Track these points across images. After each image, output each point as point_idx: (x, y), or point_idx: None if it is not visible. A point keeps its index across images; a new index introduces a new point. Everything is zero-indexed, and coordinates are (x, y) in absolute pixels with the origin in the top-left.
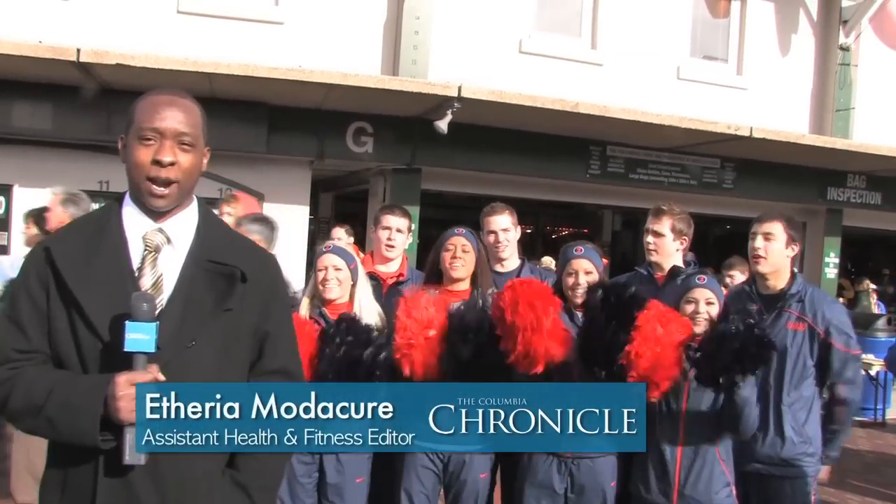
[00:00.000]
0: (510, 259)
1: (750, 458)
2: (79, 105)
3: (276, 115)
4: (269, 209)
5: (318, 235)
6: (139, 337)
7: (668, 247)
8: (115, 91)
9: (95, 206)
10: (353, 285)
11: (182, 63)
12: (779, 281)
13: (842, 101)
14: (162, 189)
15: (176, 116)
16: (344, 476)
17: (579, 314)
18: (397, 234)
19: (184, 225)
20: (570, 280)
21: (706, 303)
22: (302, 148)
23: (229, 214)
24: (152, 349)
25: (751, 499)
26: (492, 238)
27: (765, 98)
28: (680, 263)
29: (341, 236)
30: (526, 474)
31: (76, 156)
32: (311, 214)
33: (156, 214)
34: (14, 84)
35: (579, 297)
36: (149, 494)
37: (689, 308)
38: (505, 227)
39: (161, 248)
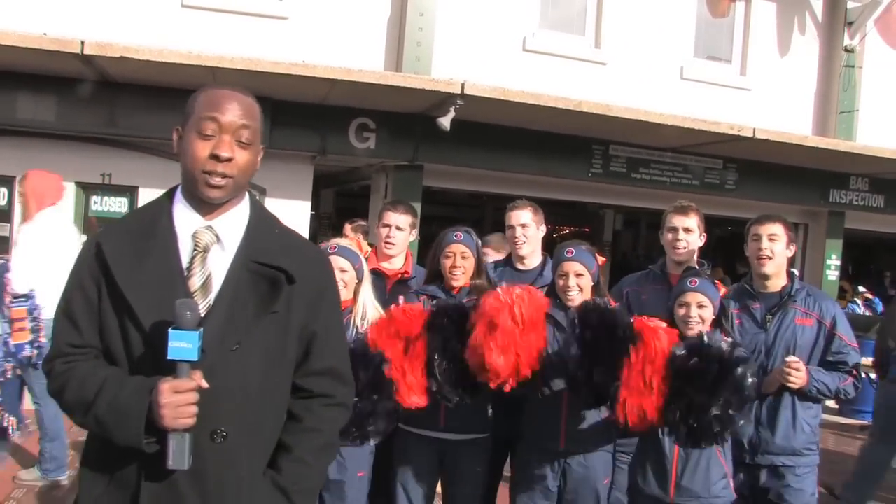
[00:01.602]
0: (530, 257)
1: (762, 451)
2: (80, 98)
3: (279, 109)
4: (271, 204)
5: (319, 231)
6: (182, 346)
7: (695, 243)
8: (119, 84)
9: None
10: (358, 284)
11: (186, 57)
12: (778, 280)
13: (846, 103)
14: (218, 179)
15: (237, 112)
16: (346, 470)
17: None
18: (397, 231)
19: (234, 223)
20: (561, 282)
21: (698, 306)
22: (304, 143)
23: (21, 194)
24: (195, 357)
25: (759, 490)
26: (510, 233)
27: (768, 99)
28: (694, 263)
29: (349, 234)
30: (519, 470)
31: (79, 148)
32: (312, 210)
33: (206, 210)
34: (18, 76)
35: (570, 299)
36: (191, 495)
37: (681, 311)
38: (523, 222)
39: (210, 247)
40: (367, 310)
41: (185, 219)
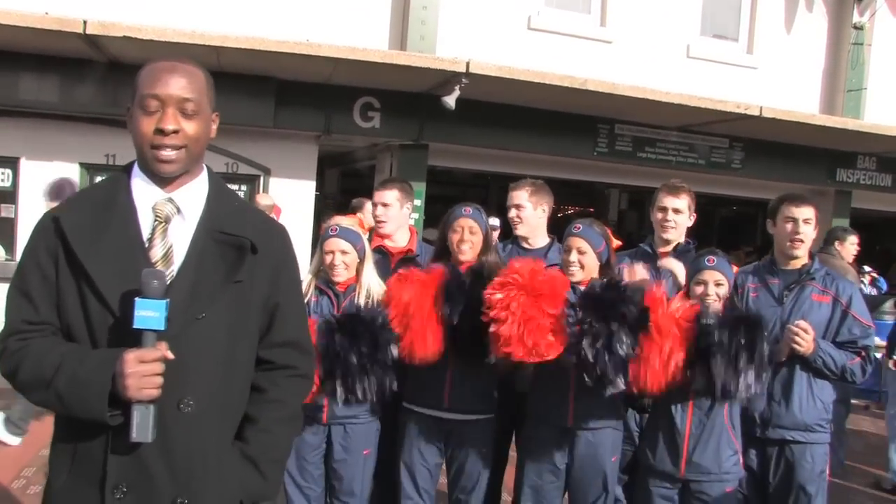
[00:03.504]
0: (533, 238)
1: (773, 424)
2: (83, 79)
3: (284, 89)
4: (276, 184)
5: (323, 211)
6: (149, 314)
7: (684, 224)
8: (122, 64)
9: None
10: (360, 263)
11: (189, 36)
12: (802, 259)
13: (854, 81)
14: (168, 153)
15: (178, 83)
16: (351, 448)
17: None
18: (383, 208)
19: (194, 194)
20: (564, 256)
21: (715, 284)
22: (309, 122)
23: None
24: (162, 327)
25: (769, 465)
26: (508, 212)
27: (775, 77)
28: (683, 240)
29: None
30: (527, 449)
31: (83, 129)
32: (316, 190)
33: (165, 183)
34: (20, 56)
35: (571, 274)
36: (159, 468)
37: (699, 289)
38: (517, 202)
39: (171, 218)
40: (372, 289)
41: (143, 192)
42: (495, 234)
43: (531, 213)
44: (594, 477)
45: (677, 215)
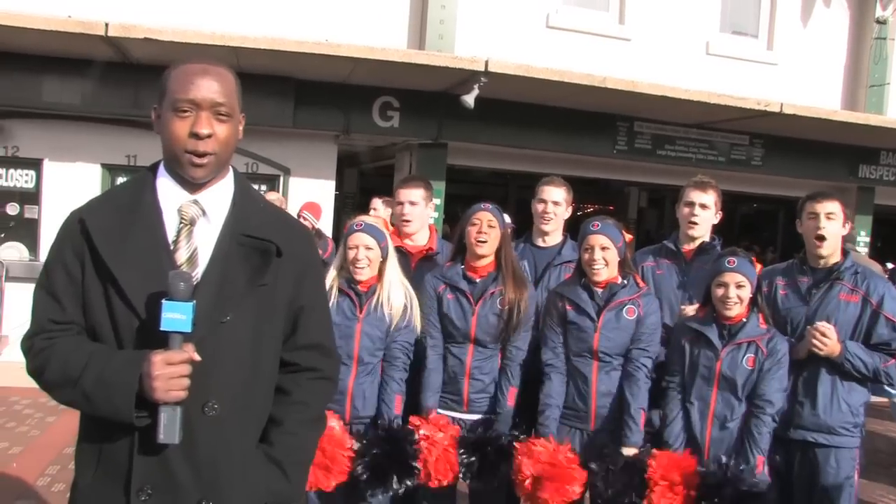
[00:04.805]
0: (552, 234)
1: (795, 425)
2: (104, 80)
3: (303, 89)
4: (296, 183)
5: (343, 211)
6: (176, 317)
7: (710, 220)
8: (143, 66)
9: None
10: (383, 262)
11: (209, 37)
12: (832, 257)
13: (876, 77)
14: (201, 159)
15: (211, 86)
16: None
17: (599, 290)
18: (411, 206)
19: (219, 197)
20: (587, 256)
21: (736, 286)
22: (328, 122)
23: None
24: (188, 329)
25: (793, 468)
26: (541, 207)
27: (796, 73)
28: (708, 238)
29: (378, 207)
30: None
31: (105, 130)
32: (336, 190)
33: (192, 186)
34: (44, 59)
35: (596, 273)
36: (184, 471)
37: (720, 292)
38: (556, 199)
39: (196, 220)
40: (394, 287)
41: (169, 194)
42: None
43: (563, 211)
44: None
45: (704, 211)
